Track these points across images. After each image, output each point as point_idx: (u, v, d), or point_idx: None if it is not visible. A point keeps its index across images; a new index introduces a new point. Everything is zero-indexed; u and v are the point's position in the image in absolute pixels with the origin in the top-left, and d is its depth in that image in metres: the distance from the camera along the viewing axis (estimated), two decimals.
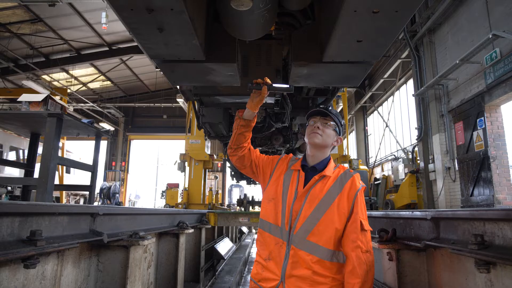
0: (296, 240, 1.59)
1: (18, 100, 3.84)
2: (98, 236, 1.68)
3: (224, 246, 5.66)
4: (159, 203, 24.93)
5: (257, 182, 13.91)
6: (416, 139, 11.13)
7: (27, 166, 4.44)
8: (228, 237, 7.36)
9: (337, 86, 4.24)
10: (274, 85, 1.85)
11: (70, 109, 18.78)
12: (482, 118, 7.83)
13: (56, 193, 12.92)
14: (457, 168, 8.88)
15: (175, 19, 2.03)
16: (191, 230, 3.32)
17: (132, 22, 2.07)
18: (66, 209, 1.50)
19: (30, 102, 3.85)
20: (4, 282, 1.16)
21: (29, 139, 4.51)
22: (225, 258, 5.45)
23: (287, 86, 2.01)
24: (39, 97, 3.85)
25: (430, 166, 10.24)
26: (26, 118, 3.85)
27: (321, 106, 1.95)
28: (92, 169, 4.37)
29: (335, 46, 2.44)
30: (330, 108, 1.87)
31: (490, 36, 6.76)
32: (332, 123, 1.78)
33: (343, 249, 1.61)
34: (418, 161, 11.24)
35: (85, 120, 4.49)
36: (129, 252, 1.96)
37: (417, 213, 1.82)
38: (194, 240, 4.19)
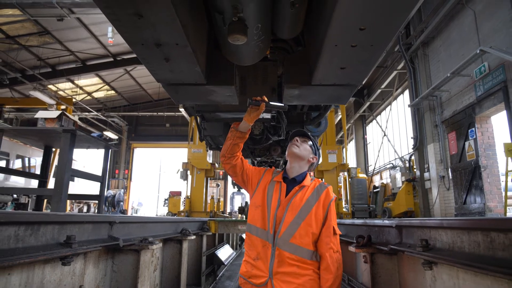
0: (281, 242, 1.83)
1: (35, 116, 4.16)
2: (115, 241, 2.00)
3: (225, 253, 5.95)
4: (161, 211, 25.18)
5: None
6: (412, 148, 11.42)
7: (41, 177, 4.76)
8: (229, 244, 7.65)
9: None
10: (271, 103, 2.11)
11: (76, 118, 19.15)
12: (473, 128, 8.13)
13: None
14: (450, 177, 9.16)
15: (180, 51, 2.38)
16: (193, 237, 3.63)
17: (143, 54, 2.42)
18: (91, 218, 1.82)
19: (46, 119, 4.18)
20: (47, 276, 1.47)
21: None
22: (225, 264, 5.74)
23: (282, 104, 2.25)
24: (54, 114, 4.19)
25: (426, 174, 10.52)
26: (42, 133, 4.18)
27: (309, 122, 2.28)
28: (101, 179, 4.70)
29: (322, 72, 2.77)
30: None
31: (478, 52, 7.09)
32: (309, 142, 2.10)
33: (318, 250, 1.85)
34: (415, 170, 11.52)
35: (94, 134, 4.83)
36: (140, 255, 2.28)
37: (386, 222, 2.13)
38: (196, 246, 4.49)
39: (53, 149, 5.06)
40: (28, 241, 1.33)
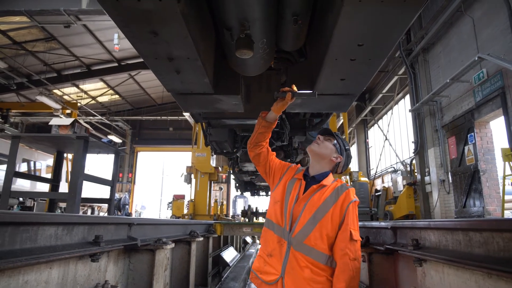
0: (295, 242, 1.76)
1: (49, 124, 4.36)
2: (133, 241, 2.18)
3: (229, 254, 6.12)
4: (164, 214, 25.32)
5: (261, 193, 14.39)
6: (413, 153, 11.57)
7: (53, 181, 4.96)
8: (233, 247, 7.82)
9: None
10: (298, 91, 2.07)
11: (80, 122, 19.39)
12: (472, 133, 8.29)
13: (62, 204, 13.48)
14: (450, 181, 9.31)
15: (190, 64, 2.58)
16: (201, 238, 3.82)
17: (155, 67, 2.62)
18: (113, 220, 2.01)
19: (59, 126, 4.38)
20: (79, 271, 1.66)
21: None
22: (230, 265, 5.91)
23: (310, 91, 2.23)
24: (67, 121, 4.39)
25: (426, 178, 10.68)
26: (56, 139, 4.38)
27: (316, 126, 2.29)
28: (112, 183, 4.89)
29: (323, 83, 2.96)
30: (337, 133, 2.15)
31: (476, 59, 7.27)
32: (335, 141, 2.01)
33: (333, 255, 1.74)
34: (416, 174, 11.66)
35: (105, 140, 5.02)
36: (155, 254, 2.46)
37: (382, 224, 2.31)
38: (203, 248, 4.67)
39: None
40: (65, 240, 1.52)
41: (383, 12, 1.97)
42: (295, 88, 2.04)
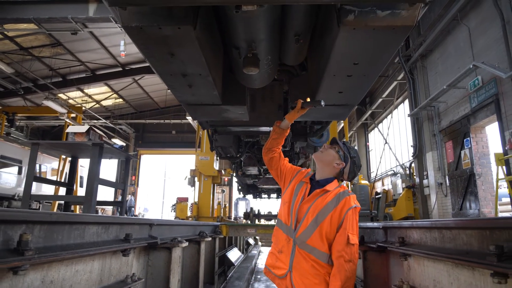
0: (299, 241, 1.93)
1: (66, 131, 4.64)
2: (154, 239, 2.46)
3: (234, 255, 6.39)
4: (166, 216, 25.52)
5: (263, 196, 14.70)
6: (412, 156, 11.84)
7: (68, 185, 5.25)
8: (237, 248, 8.09)
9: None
10: (307, 101, 2.38)
11: (95, 129, 19.71)
12: (469, 138, 8.56)
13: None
14: (448, 184, 9.57)
15: (202, 80, 2.88)
16: (209, 239, 4.09)
17: (170, 82, 2.92)
18: (138, 220, 2.29)
19: (75, 133, 4.67)
20: (113, 264, 1.94)
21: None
22: (235, 265, 6.18)
23: (318, 100, 2.40)
24: (83, 129, 4.68)
25: (425, 181, 10.93)
26: (72, 146, 4.67)
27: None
28: (123, 187, 5.17)
29: (322, 95, 3.25)
30: (344, 142, 2.30)
31: (471, 67, 7.54)
32: (339, 150, 2.13)
33: (331, 255, 1.89)
34: (415, 177, 11.92)
35: (116, 146, 5.31)
36: (171, 252, 2.74)
37: (375, 224, 2.58)
38: (210, 248, 4.95)
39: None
40: (103, 237, 1.80)
41: (375, 37, 2.26)
42: (308, 99, 2.38)
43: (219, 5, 2.33)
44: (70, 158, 5.24)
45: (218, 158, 6.73)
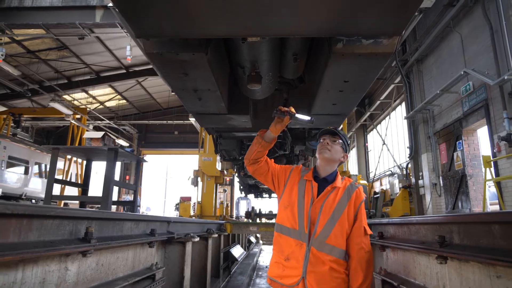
0: (316, 243, 1.83)
1: (84, 137, 5.04)
2: (172, 234, 2.86)
3: (237, 251, 6.80)
4: (168, 215, 25.85)
5: (264, 195, 15.05)
6: (408, 157, 12.23)
7: (83, 186, 5.65)
8: (239, 245, 8.50)
9: None
10: (296, 115, 2.01)
11: (90, 127, 20.12)
12: (461, 141, 8.95)
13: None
14: (442, 184, 9.97)
15: (210, 94, 3.31)
16: (216, 235, 4.49)
17: (182, 95, 3.34)
18: (159, 218, 2.69)
19: (91, 138, 5.07)
20: (142, 254, 2.34)
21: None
22: (239, 260, 6.59)
23: (308, 118, 2.09)
24: (98, 134, 5.08)
25: (420, 182, 11.33)
26: (88, 150, 5.07)
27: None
28: (135, 187, 5.58)
29: (318, 106, 3.68)
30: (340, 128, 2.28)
31: (462, 73, 7.93)
32: (339, 141, 2.05)
33: (347, 250, 1.87)
34: (411, 177, 12.32)
35: (128, 149, 5.71)
36: (185, 246, 3.14)
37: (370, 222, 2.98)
38: (216, 244, 5.35)
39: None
40: (135, 231, 2.19)
41: (360, 61, 2.68)
42: (293, 110, 2.01)
43: (228, 37, 2.74)
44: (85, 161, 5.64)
45: (221, 160, 7.13)
